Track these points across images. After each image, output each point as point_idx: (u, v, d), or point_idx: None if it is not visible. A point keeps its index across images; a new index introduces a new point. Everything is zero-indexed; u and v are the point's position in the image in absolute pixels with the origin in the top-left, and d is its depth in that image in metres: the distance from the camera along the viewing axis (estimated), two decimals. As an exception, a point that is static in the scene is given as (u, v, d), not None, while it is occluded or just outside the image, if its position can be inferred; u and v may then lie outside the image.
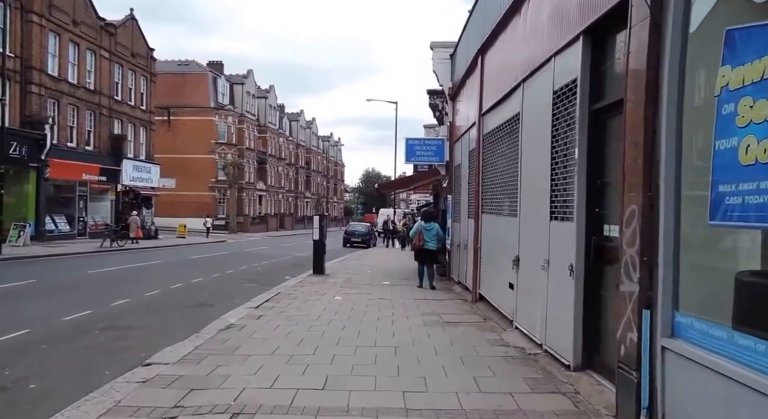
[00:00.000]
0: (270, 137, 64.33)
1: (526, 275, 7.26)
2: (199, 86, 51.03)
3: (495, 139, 9.45)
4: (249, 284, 13.75)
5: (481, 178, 10.27)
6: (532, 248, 7.03)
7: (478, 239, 10.37)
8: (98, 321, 8.21)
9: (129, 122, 34.16)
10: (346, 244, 34.86)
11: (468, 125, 12.06)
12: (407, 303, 10.42)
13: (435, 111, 19.67)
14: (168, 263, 19.57)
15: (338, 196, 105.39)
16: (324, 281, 13.91)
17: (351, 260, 22.33)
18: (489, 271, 9.66)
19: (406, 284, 13.92)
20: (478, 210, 10.39)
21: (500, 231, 8.93)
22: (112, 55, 31.77)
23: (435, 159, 14.80)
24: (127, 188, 33.09)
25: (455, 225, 14.03)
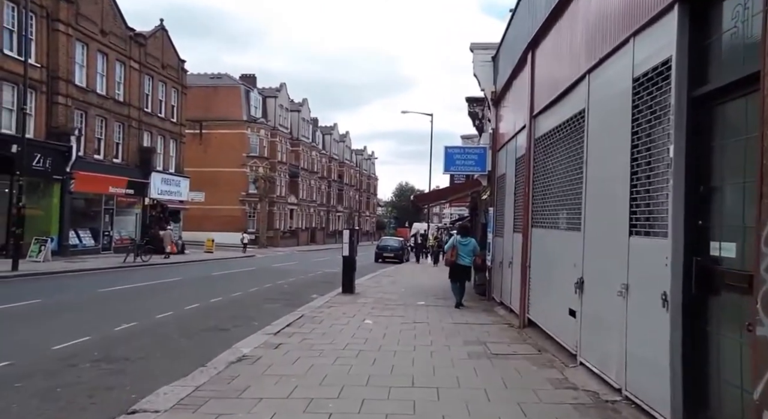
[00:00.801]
0: (303, 150, 63.97)
1: (594, 302, 6.00)
2: (232, 99, 50.99)
3: (550, 143, 8.25)
4: (272, 305, 12.73)
5: (531, 187, 9.06)
6: (602, 269, 5.80)
7: (526, 257, 9.13)
8: (93, 351, 7.21)
9: (158, 134, 33.94)
10: (378, 259, 33.76)
11: (515, 130, 10.88)
12: (446, 328, 9.22)
13: (474, 120, 18.53)
14: (189, 280, 18.76)
15: (371, 210, 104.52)
16: (353, 302, 12.80)
17: (383, 276, 21.20)
18: (541, 293, 8.40)
19: (443, 304, 12.70)
20: (527, 224, 9.17)
21: (556, 248, 7.70)
22: (141, 66, 31.63)
23: (476, 169, 13.60)
24: (154, 202, 32.72)
25: (497, 240, 12.78)
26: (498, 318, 10.69)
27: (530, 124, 9.19)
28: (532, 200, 9.06)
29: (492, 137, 13.61)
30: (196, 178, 42.15)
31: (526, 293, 9.12)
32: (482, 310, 11.82)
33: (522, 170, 10.09)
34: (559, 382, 5.91)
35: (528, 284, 9.02)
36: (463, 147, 14.40)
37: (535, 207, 8.93)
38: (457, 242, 12.85)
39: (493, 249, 13.10)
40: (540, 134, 8.78)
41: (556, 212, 7.88)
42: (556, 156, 7.91)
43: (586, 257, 6.28)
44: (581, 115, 6.63)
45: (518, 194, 10.51)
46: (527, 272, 9.05)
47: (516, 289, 10.01)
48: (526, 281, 9.04)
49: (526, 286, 9.05)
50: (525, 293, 9.13)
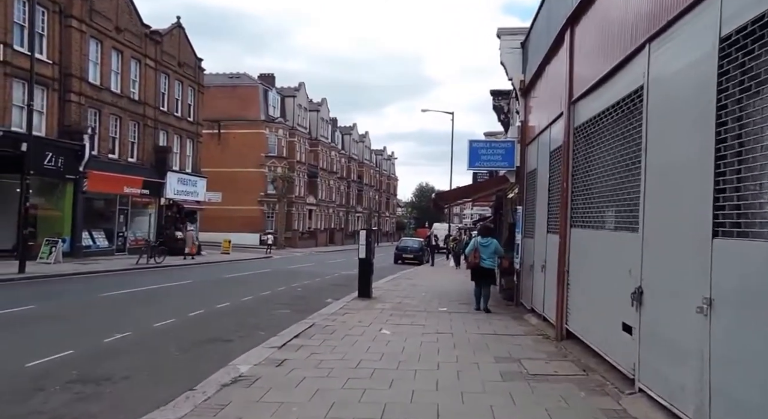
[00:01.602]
0: (321, 150, 63.27)
1: (659, 318, 4.94)
2: (250, 99, 50.50)
3: (593, 131, 7.18)
4: (282, 311, 11.83)
5: (570, 182, 7.99)
6: (670, 279, 4.74)
7: (564, 260, 8.05)
8: (71, 368, 6.32)
9: (175, 133, 33.39)
10: (398, 261, 32.77)
11: (548, 120, 9.80)
12: (473, 340, 8.20)
13: (500, 114, 17.44)
14: (199, 282, 17.97)
15: (391, 210, 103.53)
16: (370, 307, 11.83)
17: (402, 279, 20.19)
18: (583, 303, 7.32)
19: (467, 311, 11.68)
20: (565, 223, 8.09)
21: (602, 251, 6.63)
22: (157, 64, 31.09)
23: (503, 164, 12.51)
24: (170, 202, 32.16)
25: (527, 241, 11.70)
26: (530, 327, 9.61)
27: (568, 111, 8.12)
28: (571, 197, 8.00)
29: (520, 130, 12.52)
30: (214, 178, 41.64)
31: (563, 302, 8.04)
32: (511, 317, 10.76)
33: (558, 164, 9.03)
34: (617, 415, 4.86)
35: (566, 291, 7.95)
36: (488, 141, 13.32)
37: (575, 205, 7.86)
38: (478, 244, 11.96)
39: (522, 251, 12.02)
40: (581, 121, 7.72)
41: (602, 210, 6.83)
42: (601, 145, 6.84)
43: (645, 262, 5.22)
44: (638, 93, 5.56)
45: (553, 190, 9.45)
46: (565, 278, 7.98)
47: (551, 296, 8.94)
48: (564, 287, 7.97)
49: (564, 293, 7.98)
50: (562, 301, 8.06)
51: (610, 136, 6.50)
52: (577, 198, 7.82)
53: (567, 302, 7.91)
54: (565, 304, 7.95)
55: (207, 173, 38.50)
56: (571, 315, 7.83)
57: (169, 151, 32.17)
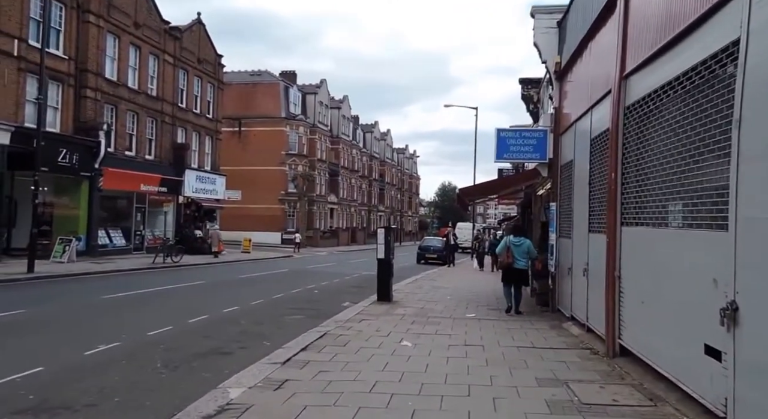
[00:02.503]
0: (343, 148, 62.37)
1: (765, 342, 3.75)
2: (271, 96, 49.79)
3: (652, 109, 6.00)
4: (294, 316, 10.82)
5: (620, 173, 6.79)
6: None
7: (613, 264, 6.85)
8: (31, 391, 5.30)
9: (193, 130, 32.77)
10: (420, 261, 31.64)
11: (589, 103, 8.60)
12: (508, 355, 7.06)
13: (529, 104, 16.23)
14: (212, 283, 17.10)
15: (413, 210, 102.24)
16: (389, 313, 10.76)
17: (424, 280, 19.07)
18: (643, 315, 6.09)
19: (498, 317, 10.54)
20: (614, 221, 6.90)
21: (669, 253, 5.42)
22: (176, 60, 30.48)
23: (534, 156, 11.28)
24: (189, 200, 31.54)
25: (563, 242, 10.49)
26: (572, 338, 8.41)
27: (618, 88, 6.91)
28: (621, 190, 6.80)
29: (553, 118, 11.29)
30: (235, 176, 41.06)
31: (615, 312, 6.84)
32: (548, 326, 9.57)
33: (602, 153, 7.84)
34: (710, 471, 3.69)
35: (618, 299, 6.74)
36: (518, 129, 12.03)
37: (627, 199, 6.67)
38: (510, 243, 11.29)
39: (557, 253, 10.82)
40: (635, 99, 6.51)
41: (664, 204, 5.64)
42: (664, 125, 5.65)
43: (742, 271, 4.04)
44: (727, 53, 4.37)
45: (595, 183, 8.27)
46: (616, 284, 6.78)
47: (597, 304, 7.74)
48: (615, 295, 6.77)
49: (616, 302, 6.78)
50: (613, 312, 6.85)
51: (678, 113, 5.31)
52: (629, 191, 6.63)
53: (620, 313, 6.70)
54: (617, 315, 6.75)
55: (227, 172, 37.89)
56: (627, 329, 6.61)
57: (188, 148, 31.56)
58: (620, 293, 6.69)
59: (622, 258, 6.69)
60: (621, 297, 6.67)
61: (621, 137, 6.83)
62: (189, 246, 29.25)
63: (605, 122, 7.52)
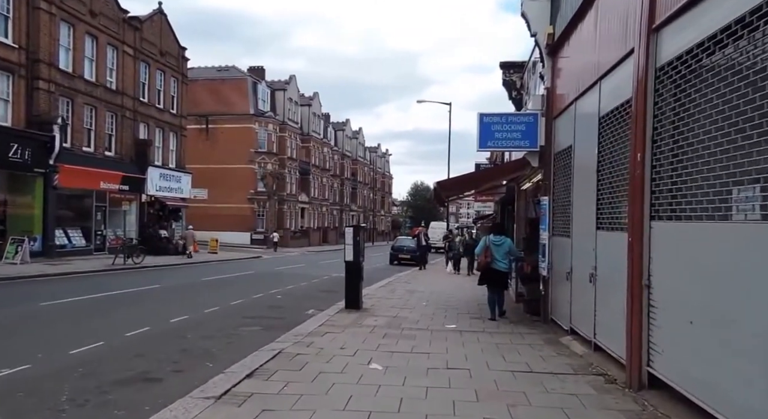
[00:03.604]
0: (314, 146, 60.83)
1: None
2: (239, 92, 48.00)
3: (704, 65, 4.68)
4: (250, 328, 9.50)
5: (650, 153, 5.57)
6: None
7: (640, 270, 5.60)
8: None
9: (156, 126, 30.97)
10: (393, 261, 30.44)
11: (596, 75, 7.37)
12: (502, 384, 5.84)
13: (511, 90, 15.15)
14: (166, 288, 15.61)
15: (386, 209, 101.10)
16: (358, 323, 9.53)
17: (398, 283, 17.88)
18: (695, 340, 4.67)
19: (482, 328, 9.39)
20: (640, 214, 5.64)
21: (740, 258, 4.13)
22: (137, 52, 28.68)
23: (523, 144, 10.12)
24: (152, 199, 29.78)
25: (559, 242, 9.39)
26: (576, 359, 7.21)
27: (647, 44, 5.57)
28: (652, 175, 5.57)
29: (545, 99, 10.16)
30: (202, 175, 39.43)
31: (642, 331, 5.56)
32: (543, 340, 8.43)
33: (616, 132, 6.69)
34: None
35: (648, 316, 5.51)
36: (504, 114, 10.87)
37: (661, 185, 5.39)
38: (490, 242, 10.45)
39: (550, 254, 9.70)
40: (673, 54, 5.13)
41: (720, 191, 4.35)
42: (726, 83, 4.34)
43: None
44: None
45: (605, 170, 7.07)
46: (644, 296, 5.56)
47: (611, 319, 6.53)
48: (643, 310, 5.56)
49: (644, 319, 5.55)
50: (640, 331, 5.57)
51: (749, 62, 4.06)
52: (663, 176, 5.38)
53: (650, 333, 5.47)
54: (645, 335, 5.51)
55: (194, 170, 36.25)
56: (661, 355, 5.27)
57: (150, 144, 29.79)
58: (651, 308, 5.48)
59: (652, 262, 5.48)
60: (652, 313, 5.46)
61: (651, 108, 5.61)
62: (153, 247, 27.73)
63: (623, 93, 6.33)
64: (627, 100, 6.31)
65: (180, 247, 30.21)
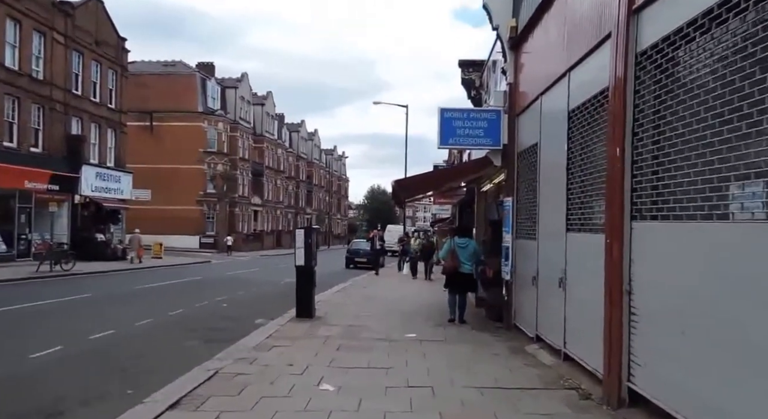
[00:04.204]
0: (267, 147, 59.19)
1: None
2: (186, 88, 45.88)
3: (693, 49, 4.15)
4: (187, 343, 8.41)
5: (629, 147, 4.96)
6: None
7: (620, 274, 4.97)
8: None
9: (92, 121, 28.98)
10: (349, 265, 29.50)
11: (565, 65, 6.79)
12: (469, 403, 5.08)
13: (470, 90, 14.59)
14: (100, 297, 14.22)
15: (342, 212, 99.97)
16: (310, 334, 8.64)
17: (354, 288, 17.04)
18: (688, 353, 4.02)
19: (444, 338, 8.63)
20: (619, 214, 4.99)
21: (737, 261, 3.58)
22: (68, 40, 26.68)
23: (486, 141, 9.46)
24: (87, 200, 27.82)
25: (523, 244, 8.77)
26: (546, 370, 6.52)
27: (627, 27, 4.99)
28: (632, 171, 4.96)
29: (507, 96, 9.57)
30: (147, 175, 37.48)
31: (622, 342, 4.92)
32: (508, 349, 7.75)
33: (589, 126, 6.09)
34: None
35: (629, 325, 4.88)
36: (466, 110, 10.18)
37: (644, 182, 4.79)
38: (455, 245, 10.15)
39: (514, 257, 9.09)
40: (656, 38, 4.52)
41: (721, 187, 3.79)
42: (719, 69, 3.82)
43: None
44: None
45: (576, 168, 6.50)
46: (624, 302, 4.92)
47: (585, 327, 5.92)
48: (623, 319, 4.93)
49: (624, 328, 4.90)
50: (620, 342, 4.92)
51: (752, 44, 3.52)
52: (645, 171, 4.82)
53: (630, 345, 4.86)
54: (625, 347, 4.89)
55: (137, 169, 34.33)
56: (644, 368, 4.64)
57: (84, 141, 27.81)
58: (631, 315, 4.88)
59: (634, 265, 4.87)
60: (633, 322, 4.84)
61: (631, 97, 5.00)
62: (88, 252, 25.84)
63: (596, 83, 5.74)
64: (601, 90, 5.73)
65: (119, 252, 28.43)
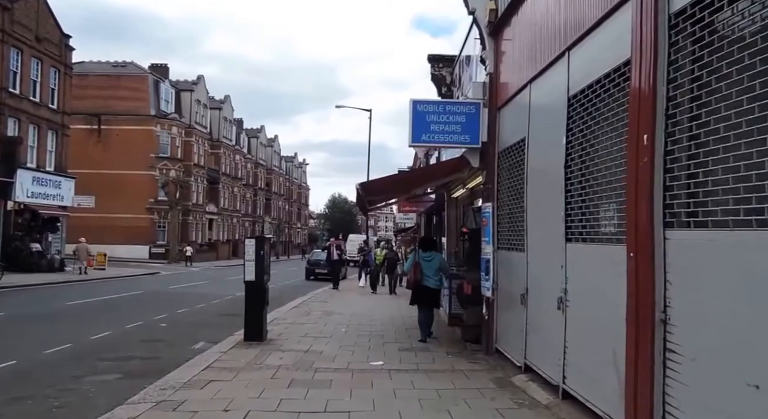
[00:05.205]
0: (224, 153, 57.02)
1: None
2: (137, 90, 43.50)
3: None
4: (103, 377, 6.89)
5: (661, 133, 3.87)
6: None
7: (650, 298, 3.82)
8: None
9: (30, 122, 26.71)
10: (310, 276, 27.89)
11: (563, 43, 5.73)
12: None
13: (441, 87, 13.48)
14: (17, 316, 12.37)
15: (302, 221, 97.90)
16: (257, 363, 7.25)
17: (313, 303, 15.62)
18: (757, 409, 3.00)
19: (416, 367, 7.37)
20: (647, 221, 3.87)
21: None
22: (5, 35, 24.55)
23: (463, 139, 8.28)
24: (21, 206, 25.48)
25: (507, 256, 7.63)
26: (542, 412, 5.30)
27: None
28: (666, 164, 3.82)
29: (487, 88, 8.45)
30: (93, 181, 35.24)
31: (654, 386, 3.71)
32: (492, 382, 6.54)
33: (602, 112, 4.99)
34: None
35: (662, 365, 3.71)
36: (441, 102, 9.02)
37: (682, 178, 3.66)
38: (420, 258, 9.56)
39: (495, 272, 7.93)
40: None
41: None
42: None
43: None
44: None
45: (577, 167, 5.39)
46: (657, 335, 3.77)
47: (597, 363, 4.76)
48: (654, 356, 3.78)
49: (656, 370, 3.74)
50: (651, 385, 3.74)
51: None
52: (683, 164, 3.71)
53: (666, 392, 3.66)
54: (659, 395, 3.70)
55: (81, 175, 32.11)
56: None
57: (20, 143, 25.50)
58: (667, 352, 3.71)
59: (672, 289, 3.74)
60: (670, 361, 3.66)
61: (664, 69, 3.91)
62: (21, 263, 23.66)
63: (609, 59, 4.66)
64: (617, 67, 4.66)
65: (57, 263, 26.16)
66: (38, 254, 25.77)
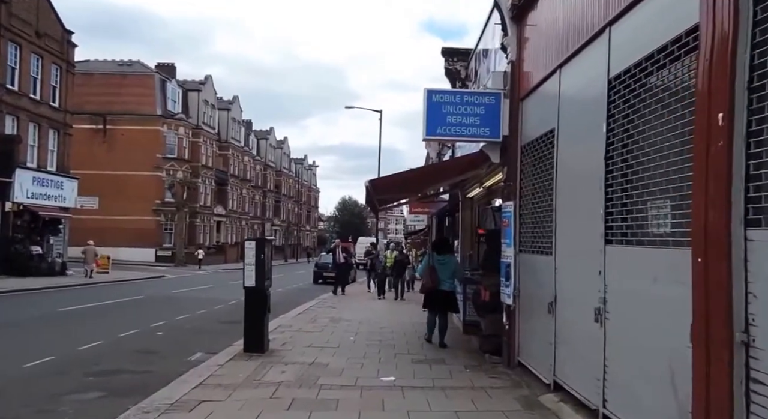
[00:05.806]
0: (232, 154, 56.52)
1: None
2: (144, 90, 42.98)
3: None
4: (85, 395, 6.18)
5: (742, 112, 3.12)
6: None
7: (726, 314, 3.08)
8: None
9: (30, 120, 26.17)
10: (318, 280, 27.06)
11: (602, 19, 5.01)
12: None
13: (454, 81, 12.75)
14: (3, 323, 11.77)
15: (312, 224, 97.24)
16: (255, 381, 6.52)
17: (321, 308, 14.90)
18: None
19: (432, 384, 6.60)
20: (723, 220, 3.16)
21: None
22: (3, 29, 24.05)
23: (483, 132, 7.49)
24: (20, 208, 24.90)
25: (531, 260, 6.87)
26: None
27: None
28: (748, 149, 3.08)
29: (508, 77, 7.70)
30: (97, 182, 34.77)
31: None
32: (520, 403, 5.77)
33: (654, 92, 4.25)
34: None
35: (744, 395, 3.00)
36: (459, 92, 8.27)
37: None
38: (435, 261, 9.25)
39: (517, 277, 7.17)
40: None
41: None
42: None
43: None
44: None
45: (620, 158, 4.64)
46: (737, 360, 3.03)
47: (649, 387, 4.04)
48: (733, 385, 3.04)
49: (735, 402, 3.05)
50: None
51: None
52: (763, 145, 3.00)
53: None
54: None
55: (85, 176, 31.55)
56: None
57: (19, 142, 24.93)
58: (751, 382, 2.97)
59: (757, 303, 3.00)
60: (755, 393, 2.94)
61: (747, 32, 3.15)
62: (20, 266, 23.13)
63: (664, 30, 3.93)
64: (675, 38, 3.90)
65: (58, 266, 25.62)
66: (38, 257, 25.21)
